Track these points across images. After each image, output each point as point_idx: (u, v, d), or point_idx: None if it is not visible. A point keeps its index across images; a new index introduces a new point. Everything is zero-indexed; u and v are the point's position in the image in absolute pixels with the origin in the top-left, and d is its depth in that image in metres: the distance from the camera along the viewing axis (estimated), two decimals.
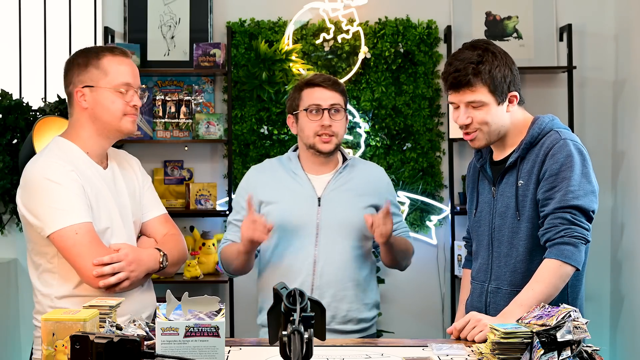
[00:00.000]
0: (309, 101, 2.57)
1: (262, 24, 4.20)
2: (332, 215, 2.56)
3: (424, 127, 4.20)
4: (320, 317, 1.56)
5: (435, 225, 4.21)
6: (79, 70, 2.25)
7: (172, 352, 1.68)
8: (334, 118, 2.56)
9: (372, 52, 4.17)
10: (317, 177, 2.62)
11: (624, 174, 4.10)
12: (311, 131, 2.56)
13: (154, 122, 4.08)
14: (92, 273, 2.12)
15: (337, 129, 2.57)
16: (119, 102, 2.25)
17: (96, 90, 2.24)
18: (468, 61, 2.19)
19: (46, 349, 1.72)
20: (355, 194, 2.61)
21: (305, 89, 2.60)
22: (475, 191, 2.40)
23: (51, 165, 2.17)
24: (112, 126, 2.26)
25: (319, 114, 2.56)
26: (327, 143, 2.56)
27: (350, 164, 2.67)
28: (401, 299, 4.24)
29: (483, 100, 2.20)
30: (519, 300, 2.08)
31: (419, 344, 2.08)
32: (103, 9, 4.23)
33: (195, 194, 4.04)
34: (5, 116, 3.89)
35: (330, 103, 2.57)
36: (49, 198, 2.14)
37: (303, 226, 2.55)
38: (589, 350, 1.75)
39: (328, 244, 2.55)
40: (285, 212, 2.56)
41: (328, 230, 2.55)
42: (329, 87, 2.58)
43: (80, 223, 2.13)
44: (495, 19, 4.22)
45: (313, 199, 2.58)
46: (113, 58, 2.26)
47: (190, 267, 3.99)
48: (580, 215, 2.13)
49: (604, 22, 4.24)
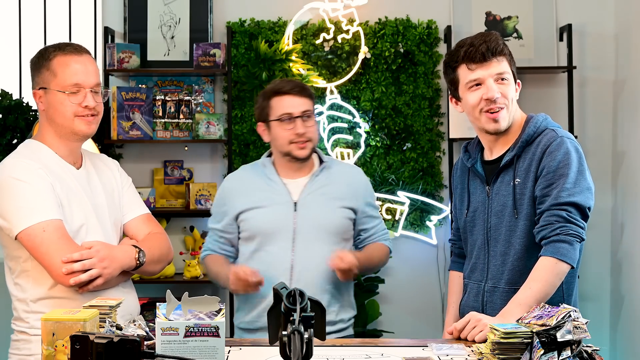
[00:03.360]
0: (280, 110, 2.57)
1: (262, 24, 4.20)
2: (308, 220, 2.56)
3: (424, 127, 4.20)
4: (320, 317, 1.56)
5: (435, 225, 4.21)
6: (34, 72, 2.21)
7: (172, 352, 1.68)
8: (307, 125, 2.57)
9: (372, 52, 4.17)
10: (293, 182, 2.62)
11: (624, 174, 4.10)
12: (285, 140, 2.56)
13: (154, 122, 4.08)
14: (62, 271, 2.05)
15: (311, 134, 2.58)
16: (68, 104, 2.16)
17: (49, 92, 2.18)
18: (494, 36, 2.21)
19: (46, 349, 1.71)
20: (332, 197, 2.61)
21: (274, 98, 2.59)
22: (465, 192, 2.38)
23: (17, 164, 2.12)
24: (66, 128, 2.19)
25: (291, 122, 2.55)
26: (303, 149, 2.57)
27: (327, 166, 2.66)
28: (401, 299, 4.24)
29: (509, 73, 2.21)
30: (517, 299, 2.08)
31: (419, 344, 2.08)
32: (103, 9, 4.23)
33: (195, 194, 4.04)
34: (5, 116, 3.88)
35: (302, 110, 2.57)
36: (16, 197, 2.08)
37: (279, 232, 2.56)
38: (589, 350, 1.75)
39: (305, 248, 2.55)
40: (261, 219, 2.57)
41: (304, 235, 2.56)
42: (298, 94, 2.58)
43: (48, 220, 2.06)
44: (495, 19, 4.22)
45: (289, 204, 2.58)
46: (63, 58, 2.17)
47: (190, 267, 3.99)
48: (575, 213, 2.13)
49: (604, 22, 4.24)
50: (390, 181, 4.17)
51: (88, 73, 2.19)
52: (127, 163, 4.20)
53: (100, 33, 4.21)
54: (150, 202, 4.02)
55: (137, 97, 4.05)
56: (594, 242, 4.14)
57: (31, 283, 2.14)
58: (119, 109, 3.99)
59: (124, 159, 4.21)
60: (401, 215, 4.15)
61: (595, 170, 4.25)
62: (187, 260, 4.03)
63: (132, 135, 4.03)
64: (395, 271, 4.22)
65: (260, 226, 2.57)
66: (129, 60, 4.04)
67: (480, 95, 2.20)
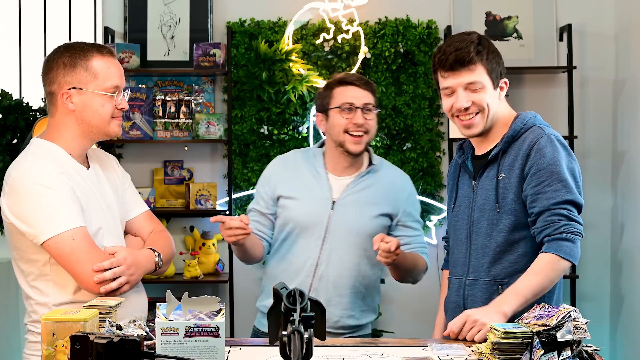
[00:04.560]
0: (342, 99, 2.56)
1: (262, 24, 4.20)
2: (342, 221, 2.55)
3: (424, 127, 4.20)
4: (320, 317, 1.56)
5: (435, 225, 4.21)
6: (65, 71, 2.16)
7: (172, 352, 1.68)
8: (367, 117, 2.56)
9: (372, 52, 4.17)
10: (338, 179, 2.61)
11: (624, 174, 4.10)
12: (342, 128, 2.54)
13: (154, 122, 4.08)
14: (93, 279, 2.06)
15: (369, 127, 2.56)
16: (109, 106, 2.18)
17: (85, 93, 2.16)
18: (469, 41, 2.19)
19: (46, 349, 1.71)
20: (371, 202, 2.59)
21: (337, 87, 2.59)
22: (454, 187, 2.40)
23: (40, 169, 2.09)
24: (100, 129, 2.19)
25: (351, 112, 2.55)
26: (358, 143, 2.55)
27: (374, 169, 2.64)
28: (401, 299, 4.24)
29: (482, 81, 2.20)
30: (514, 288, 2.09)
31: (419, 344, 2.08)
32: (103, 9, 4.23)
33: (195, 194, 4.04)
34: (5, 116, 3.88)
35: (364, 102, 2.56)
36: (42, 203, 2.06)
37: (312, 227, 2.56)
38: (589, 350, 1.75)
39: (333, 249, 2.55)
40: (298, 209, 2.57)
41: (336, 235, 2.55)
42: (362, 86, 2.58)
43: (76, 228, 2.07)
44: (495, 19, 4.22)
45: (328, 201, 2.58)
46: (102, 59, 2.17)
47: (190, 267, 3.99)
48: (574, 210, 2.14)
49: (604, 22, 4.24)
50: None
51: (122, 75, 2.24)
52: (127, 163, 4.20)
53: (100, 33, 4.21)
54: (150, 202, 4.02)
55: (137, 97, 4.06)
56: (594, 242, 4.14)
57: (52, 287, 2.13)
58: None
59: (124, 159, 4.21)
60: None
61: (595, 170, 4.27)
62: (187, 260, 4.03)
63: (132, 135, 4.03)
64: None
65: (295, 217, 2.57)
66: (129, 60, 4.04)
67: (452, 103, 2.23)
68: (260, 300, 2.71)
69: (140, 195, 2.49)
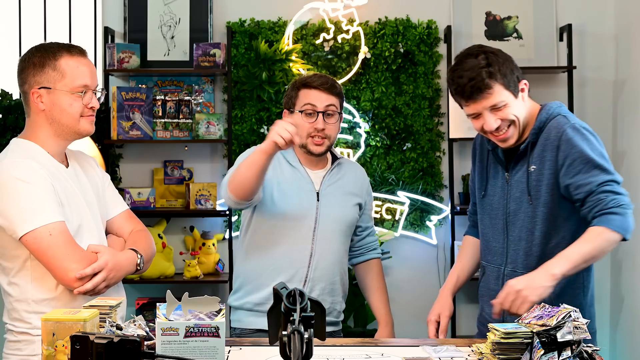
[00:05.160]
0: (305, 101, 2.61)
1: (262, 24, 4.20)
2: (329, 211, 2.63)
3: (424, 127, 4.20)
4: (320, 317, 1.56)
5: (435, 225, 4.21)
6: (35, 70, 2.20)
7: (172, 353, 1.68)
8: (328, 121, 2.61)
9: (372, 52, 4.17)
10: (314, 172, 2.69)
11: (624, 174, 4.07)
12: (304, 132, 2.59)
13: (154, 122, 4.08)
14: (69, 275, 2.06)
15: (329, 132, 2.62)
16: (77, 105, 2.19)
17: (53, 92, 2.18)
18: (478, 67, 2.21)
19: (46, 349, 1.71)
20: (346, 192, 2.70)
21: (302, 89, 2.64)
22: (484, 173, 2.43)
23: (19, 164, 2.10)
24: (70, 128, 2.20)
25: (313, 116, 2.60)
26: (319, 145, 2.61)
27: (340, 162, 2.75)
28: (401, 299, 4.23)
29: (503, 99, 2.23)
30: (564, 254, 2.12)
31: (419, 343, 2.08)
32: (103, 9, 4.23)
33: (195, 194, 4.04)
34: (5, 116, 3.88)
35: (326, 105, 2.60)
36: (20, 198, 2.07)
37: (302, 218, 2.60)
38: (589, 351, 1.75)
39: (324, 238, 2.61)
40: (288, 202, 2.60)
41: (324, 226, 2.62)
42: (325, 90, 2.62)
43: (54, 222, 2.07)
44: (495, 19, 4.22)
45: (312, 193, 2.64)
46: (70, 58, 2.19)
47: (190, 267, 3.99)
48: (618, 186, 2.22)
49: (604, 22, 4.24)
50: (390, 181, 4.17)
51: (93, 75, 2.24)
52: (127, 163, 4.20)
53: (100, 33, 4.21)
54: (150, 202, 4.01)
55: (137, 97, 4.05)
56: None
57: (32, 283, 2.13)
58: (119, 109, 3.99)
59: (124, 159, 4.21)
60: (401, 215, 4.15)
61: None
62: (187, 260, 4.03)
63: (132, 135, 4.03)
64: (395, 271, 4.22)
65: (284, 209, 2.60)
66: (129, 60, 4.04)
67: (481, 125, 2.26)
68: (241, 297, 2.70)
69: (140, 195, 2.49)
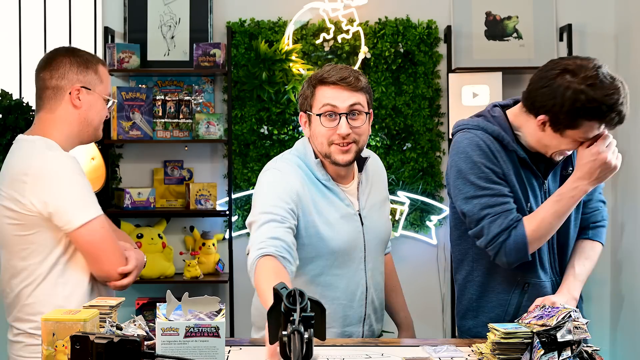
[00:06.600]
0: (323, 101, 2.13)
1: (262, 24, 4.20)
2: (373, 233, 2.23)
3: (424, 127, 4.20)
4: (320, 317, 1.56)
5: (435, 225, 4.21)
6: (79, 69, 2.26)
7: (172, 353, 1.68)
8: (353, 124, 2.12)
9: (372, 52, 4.17)
10: (347, 188, 2.23)
11: (624, 174, 4.09)
12: (325, 138, 2.13)
13: (154, 122, 4.08)
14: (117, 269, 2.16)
15: (357, 136, 2.14)
16: (105, 112, 2.32)
17: (92, 94, 2.27)
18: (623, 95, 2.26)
19: (46, 349, 1.72)
20: (380, 200, 2.32)
21: (319, 87, 2.15)
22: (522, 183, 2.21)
23: (67, 156, 2.17)
24: (95, 131, 2.31)
25: (334, 119, 2.12)
26: (346, 153, 2.13)
27: (367, 163, 2.29)
28: None
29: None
30: (578, 276, 2.22)
31: (419, 344, 2.08)
32: (103, 9, 4.23)
33: (195, 194, 4.04)
34: (5, 116, 3.88)
35: (349, 104, 2.12)
36: (74, 189, 2.14)
37: (352, 250, 2.19)
38: (589, 350, 1.75)
39: (373, 267, 2.25)
40: (335, 235, 2.16)
41: (372, 252, 2.24)
42: (347, 87, 2.12)
43: (102, 216, 2.17)
44: (495, 19, 4.22)
45: (355, 216, 2.20)
46: (104, 68, 2.34)
47: (190, 267, 3.99)
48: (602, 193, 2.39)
49: (604, 22, 4.24)
50: (390, 181, 4.16)
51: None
52: (127, 163, 4.20)
53: (100, 33, 4.21)
54: (150, 202, 4.01)
55: (137, 97, 4.05)
56: None
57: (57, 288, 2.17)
58: (119, 109, 3.99)
59: (124, 159, 4.21)
60: (401, 215, 4.15)
61: None
62: (187, 260, 4.03)
63: (132, 135, 4.02)
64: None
65: (331, 245, 2.14)
66: (129, 60, 4.04)
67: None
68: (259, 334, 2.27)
69: (140, 195, 2.57)
